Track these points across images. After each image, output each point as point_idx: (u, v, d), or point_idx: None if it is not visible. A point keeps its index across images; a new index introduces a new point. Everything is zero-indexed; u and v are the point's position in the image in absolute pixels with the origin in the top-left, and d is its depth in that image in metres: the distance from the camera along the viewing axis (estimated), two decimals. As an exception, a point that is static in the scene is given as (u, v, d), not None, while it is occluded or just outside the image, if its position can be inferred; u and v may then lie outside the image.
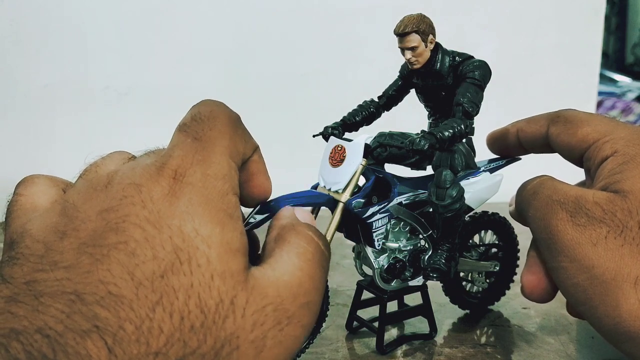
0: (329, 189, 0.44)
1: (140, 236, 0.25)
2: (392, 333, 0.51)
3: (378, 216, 0.45)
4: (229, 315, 0.25)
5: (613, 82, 1.47)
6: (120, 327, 0.23)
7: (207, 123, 0.30)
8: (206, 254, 0.25)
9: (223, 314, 0.25)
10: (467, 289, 0.54)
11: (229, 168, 0.29)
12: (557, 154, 0.46)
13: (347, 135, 0.49)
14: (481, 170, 0.50)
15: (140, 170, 0.27)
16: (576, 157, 0.43)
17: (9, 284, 0.24)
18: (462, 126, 0.44)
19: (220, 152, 0.29)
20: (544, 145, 0.46)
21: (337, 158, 0.44)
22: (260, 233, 0.43)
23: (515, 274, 0.55)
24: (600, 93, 1.16)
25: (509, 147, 0.50)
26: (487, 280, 0.54)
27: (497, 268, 0.53)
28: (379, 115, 0.51)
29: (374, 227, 0.45)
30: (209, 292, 0.25)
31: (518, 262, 0.55)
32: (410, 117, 0.51)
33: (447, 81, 0.46)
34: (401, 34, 0.44)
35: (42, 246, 0.25)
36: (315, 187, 0.46)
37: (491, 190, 0.50)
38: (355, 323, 0.51)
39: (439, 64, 0.46)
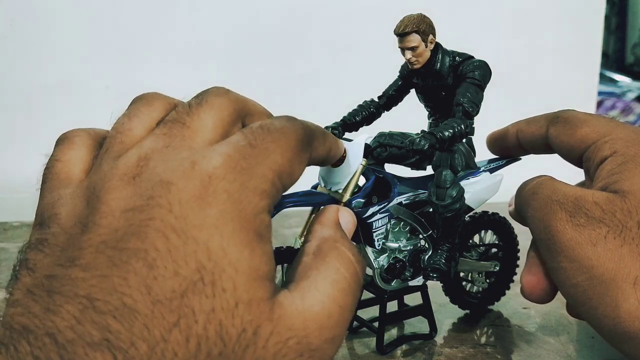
0: (329, 189, 0.44)
1: (162, 246, 0.23)
2: (392, 333, 0.51)
3: (378, 216, 0.45)
4: (250, 346, 0.24)
5: (613, 82, 1.47)
6: (132, 344, 0.21)
7: (272, 135, 0.27)
8: (232, 279, 0.24)
9: (244, 344, 0.24)
10: (467, 289, 0.54)
11: (272, 186, 0.27)
12: (556, 154, 0.46)
13: (347, 135, 0.49)
14: (481, 170, 0.50)
15: (173, 164, 0.25)
16: (575, 157, 0.43)
17: (32, 273, 0.23)
18: (462, 126, 0.44)
19: (269, 167, 0.27)
20: (544, 145, 0.46)
21: (337, 158, 0.44)
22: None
23: (515, 274, 0.55)
24: (600, 93, 1.16)
25: (508, 147, 0.50)
26: (487, 280, 0.54)
27: (497, 268, 0.53)
28: (379, 115, 0.51)
29: (374, 227, 0.45)
30: (231, 319, 0.23)
31: (518, 262, 0.55)
32: (410, 117, 0.51)
33: (447, 81, 0.46)
34: (401, 34, 0.44)
35: (65, 238, 0.24)
36: (315, 187, 0.46)
37: (491, 190, 0.50)
38: (355, 323, 0.51)
39: (439, 64, 0.46)
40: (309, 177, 0.48)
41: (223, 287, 0.23)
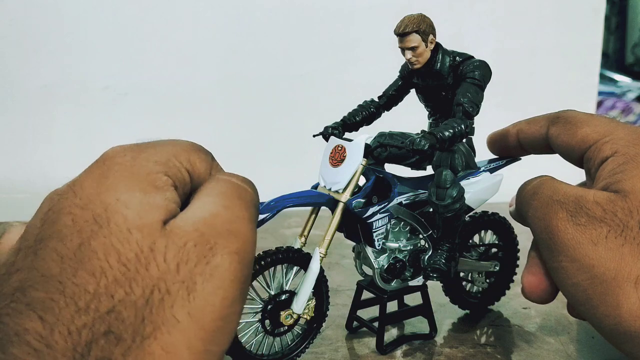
0: (329, 189, 0.44)
1: (69, 220, 0.27)
2: (392, 333, 0.51)
3: (378, 216, 0.45)
4: (151, 262, 0.26)
5: (613, 82, 1.47)
6: (49, 299, 0.25)
7: (165, 139, 0.33)
8: (124, 214, 0.27)
9: (144, 262, 0.26)
10: (467, 289, 0.54)
11: (167, 159, 0.31)
12: (557, 154, 0.46)
13: (347, 135, 0.49)
14: (481, 170, 0.50)
15: (84, 173, 0.30)
16: (576, 157, 0.43)
17: None
18: (463, 126, 0.44)
19: (162, 149, 0.32)
20: (544, 146, 0.46)
21: (337, 158, 0.45)
22: (261, 232, 0.43)
23: (515, 274, 0.55)
24: (600, 93, 1.16)
25: (509, 148, 0.50)
26: (487, 280, 0.54)
27: (497, 268, 0.53)
28: (379, 115, 0.51)
29: (374, 227, 0.45)
30: (128, 245, 0.26)
31: (518, 262, 0.55)
32: (410, 117, 0.51)
33: (447, 81, 0.46)
34: (401, 34, 0.44)
35: (4, 268, 0.28)
36: (315, 187, 0.46)
37: (491, 190, 0.50)
38: (355, 323, 0.51)
39: (439, 64, 0.46)
40: (309, 177, 0.48)
41: (116, 223, 0.27)
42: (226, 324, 0.28)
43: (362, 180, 0.46)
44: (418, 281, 0.49)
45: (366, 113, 0.50)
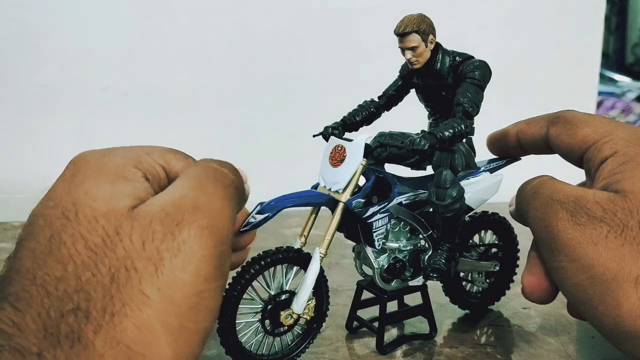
0: (329, 189, 0.44)
1: (42, 221, 0.29)
2: (392, 333, 0.51)
3: (378, 216, 0.45)
4: (117, 244, 0.28)
5: (613, 82, 1.47)
6: (22, 289, 0.26)
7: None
8: (90, 205, 0.29)
9: (111, 245, 0.28)
10: (467, 289, 0.54)
11: (137, 155, 0.32)
12: (556, 154, 0.46)
13: (347, 135, 0.49)
14: (481, 170, 0.50)
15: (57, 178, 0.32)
16: (576, 158, 0.43)
17: None
18: (463, 126, 0.44)
19: (134, 149, 0.33)
20: (544, 146, 0.46)
21: (337, 158, 0.44)
22: (261, 232, 0.43)
23: (515, 274, 0.55)
24: (600, 93, 1.16)
25: (509, 148, 0.50)
26: (487, 280, 0.54)
27: (497, 268, 0.53)
28: (379, 115, 0.51)
29: (374, 227, 0.45)
30: (94, 232, 0.28)
31: (518, 262, 0.55)
32: (410, 117, 0.51)
33: (447, 81, 0.46)
34: (401, 34, 0.44)
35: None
36: (315, 187, 0.46)
37: (491, 190, 0.50)
38: (355, 323, 0.51)
39: (439, 64, 0.46)
40: (309, 177, 0.48)
41: (84, 214, 0.28)
42: (202, 300, 0.28)
43: (362, 180, 0.46)
44: (418, 281, 0.49)
45: (366, 113, 0.50)
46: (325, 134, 0.48)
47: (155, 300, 0.27)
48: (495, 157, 0.52)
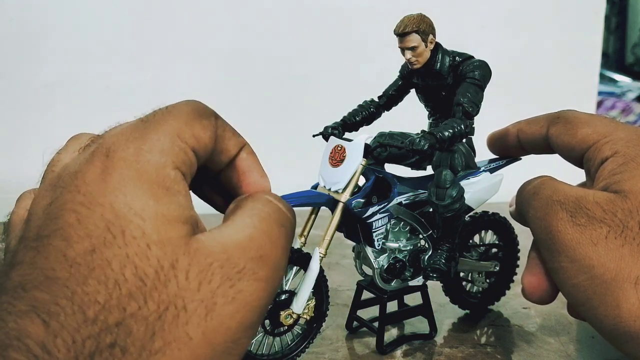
0: (329, 189, 0.44)
1: (74, 219, 0.26)
2: (392, 333, 0.51)
3: (378, 216, 0.45)
4: (171, 279, 0.25)
5: (613, 82, 1.47)
6: (54, 303, 0.24)
7: (168, 110, 0.30)
8: (140, 226, 0.26)
9: (164, 279, 0.25)
10: (467, 289, 0.54)
11: (171, 144, 0.29)
12: (557, 154, 0.45)
13: (347, 135, 0.49)
14: (481, 170, 0.50)
15: (80, 158, 0.28)
16: (576, 158, 0.43)
17: None
18: (462, 126, 0.44)
19: (164, 131, 0.29)
20: (544, 146, 0.46)
21: (337, 158, 0.44)
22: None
23: (516, 274, 0.55)
24: (600, 93, 1.16)
25: (509, 147, 0.50)
26: (487, 280, 0.54)
27: (497, 268, 0.53)
28: (379, 115, 0.51)
29: (373, 227, 0.45)
30: (146, 260, 0.25)
31: (518, 262, 0.55)
32: (410, 117, 0.51)
33: (447, 81, 0.46)
34: (401, 34, 0.44)
35: (10, 254, 0.27)
36: (315, 187, 0.46)
37: (491, 190, 0.50)
38: (355, 323, 0.51)
39: (439, 64, 0.46)
40: (309, 177, 0.48)
41: (133, 235, 0.25)
42: (237, 346, 0.27)
43: (362, 180, 0.46)
44: (418, 281, 0.49)
45: (366, 113, 0.50)
46: (325, 134, 0.48)
47: (196, 342, 0.25)
48: (496, 157, 0.52)
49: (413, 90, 0.50)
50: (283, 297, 0.43)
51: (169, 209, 0.27)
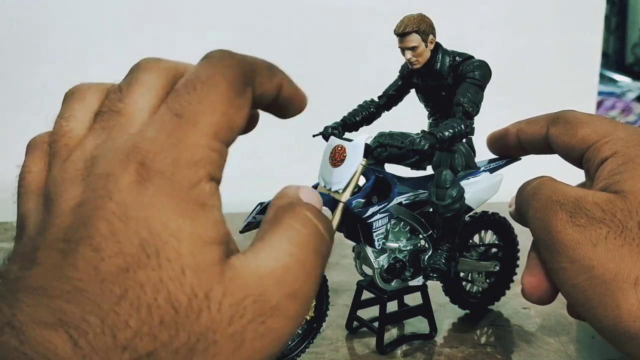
0: (329, 189, 0.44)
1: (106, 230, 0.24)
2: (392, 333, 0.51)
3: (378, 216, 0.45)
4: (204, 310, 0.24)
5: (613, 82, 1.47)
6: (84, 319, 0.23)
7: (198, 93, 0.27)
8: (176, 248, 0.25)
9: (197, 309, 0.24)
10: (467, 289, 0.54)
11: (208, 151, 0.27)
12: (556, 154, 0.45)
13: (347, 135, 0.49)
14: (481, 170, 0.50)
15: (111, 155, 0.26)
16: (576, 158, 0.43)
17: (5, 280, 0.25)
18: (462, 126, 0.44)
19: (201, 132, 0.26)
20: (544, 146, 0.46)
21: (337, 158, 0.45)
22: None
23: (515, 274, 0.55)
24: (600, 93, 1.16)
25: (509, 147, 0.50)
26: (487, 280, 0.54)
27: (497, 268, 0.53)
28: (379, 115, 0.51)
29: (374, 227, 0.45)
30: (180, 287, 0.24)
31: (518, 262, 0.55)
32: (410, 117, 0.51)
33: (447, 81, 0.46)
34: (401, 34, 0.44)
35: (29, 244, 0.26)
36: (315, 187, 0.46)
37: (491, 190, 0.50)
38: (355, 323, 0.51)
39: (439, 64, 0.46)
40: (309, 177, 0.48)
41: (167, 257, 0.24)
42: None
43: (362, 180, 0.46)
44: (418, 281, 0.49)
45: (366, 113, 0.50)
46: (325, 134, 0.48)
47: None
48: (495, 157, 0.52)
49: (413, 90, 0.50)
50: (283, 297, 0.43)
51: (205, 229, 0.26)
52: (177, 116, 0.26)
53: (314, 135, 0.49)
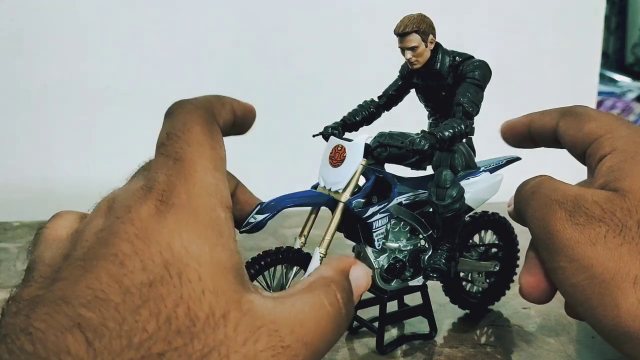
0: (329, 189, 0.45)
1: (129, 249, 0.26)
2: (392, 333, 0.51)
3: (378, 216, 0.45)
4: (220, 327, 0.26)
5: (613, 82, 1.47)
6: (102, 324, 0.24)
7: (183, 139, 0.30)
8: (197, 271, 0.26)
9: (213, 325, 0.26)
10: (467, 289, 0.54)
11: (215, 181, 0.30)
12: (559, 153, 0.45)
13: (347, 135, 0.49)
14: (481, 170, 0.50)
15: (130, 194, 0.29)
16: (580, 152, 0.42)
17: (17, 303, 0.26)
18: (462, 126, 0.44)
19: (203, 168, 0.30)
20: (554, 139, 0.45)
21: (337, 158, 0.45)
22: (261, 232, 0.43)
23: (515, 274, 0.55)
24: (600, 93, 1.16)
25: (521, 138, 0.49)
26: (487, 280, 0.54)
27: (497, 268, 0.53)
28: (379, 115, 0.51)
29: (374, 227, 0.45)
30: (199, 304, 0.26)
31: (518, 262, 0.55)
32: (410, 117, 0.51)
33: (447, 81, 0.46)
34: (401, 34, 0.44)
35: (50, 269, 0.28)
36: (315, 187, 0.46)
37: (491, 190, 0.50)
38: (355, 323, 0.51)
39: (439, 64, 0.46)
40: (309, 177, 0.48)
41: (189, 278, 0.26)
42: None
43: (362, 180, 0.46)
44: (418, 281, 0.49)
45: (366, 113, 0.50)
46: (325, 134, 0.48)
47: None
48: (495, 157, 0.52)
49: (413, 90, 0.50)
50: (283, 297, 0.43)
51: (223, 256, 0.28)
52: (177, 160, 0.30)
53: (314, 135, 0.49)
